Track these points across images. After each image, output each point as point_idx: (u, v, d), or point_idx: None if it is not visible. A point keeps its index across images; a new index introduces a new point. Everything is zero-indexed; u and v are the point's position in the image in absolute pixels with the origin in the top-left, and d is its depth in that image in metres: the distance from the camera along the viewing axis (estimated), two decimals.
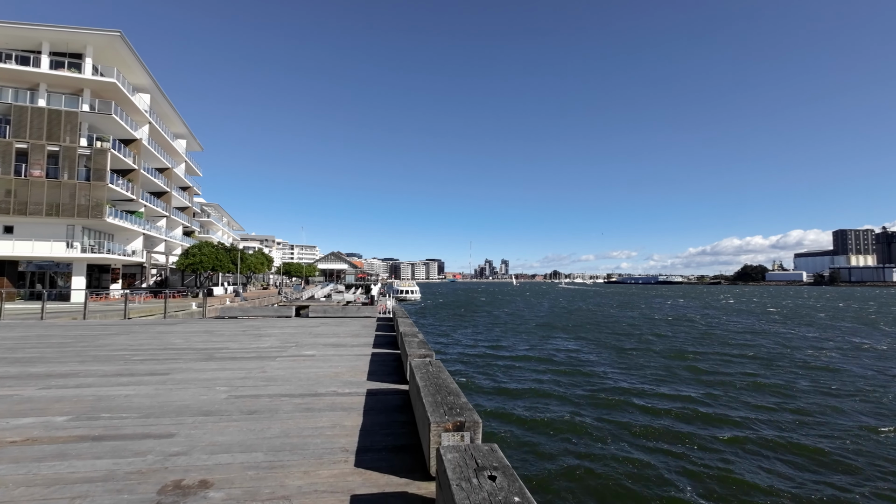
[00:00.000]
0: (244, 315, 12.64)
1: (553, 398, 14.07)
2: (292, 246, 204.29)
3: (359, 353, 6.79)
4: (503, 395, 14.41)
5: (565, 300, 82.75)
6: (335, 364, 5.97)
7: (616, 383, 16.00)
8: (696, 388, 15.40)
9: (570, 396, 14.20)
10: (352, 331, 9.76)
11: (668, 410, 12.67)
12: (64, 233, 32.07)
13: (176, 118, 49.87)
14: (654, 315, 47.55)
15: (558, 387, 15.44)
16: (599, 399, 13.88)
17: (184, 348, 7.28)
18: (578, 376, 17.19)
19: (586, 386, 15.59)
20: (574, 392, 14.72)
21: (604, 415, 12.34)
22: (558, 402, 13.65)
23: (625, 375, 17.41)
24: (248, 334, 9.06)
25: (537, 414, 12.28)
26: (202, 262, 37.33)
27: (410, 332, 6.31)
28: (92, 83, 32.70)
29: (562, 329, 33.38)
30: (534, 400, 13.87)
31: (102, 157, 32.19)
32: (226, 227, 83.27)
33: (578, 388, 15.33)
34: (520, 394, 14.53)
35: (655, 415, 12.37)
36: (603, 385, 15.69)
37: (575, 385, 15.74)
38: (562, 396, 14.21)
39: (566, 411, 12.58)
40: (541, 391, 14.82)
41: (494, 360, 20.95)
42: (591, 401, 13.75)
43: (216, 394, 4.37)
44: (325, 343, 7.89)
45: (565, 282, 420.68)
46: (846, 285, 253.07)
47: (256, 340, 8.18)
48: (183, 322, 11.37)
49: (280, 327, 10.33)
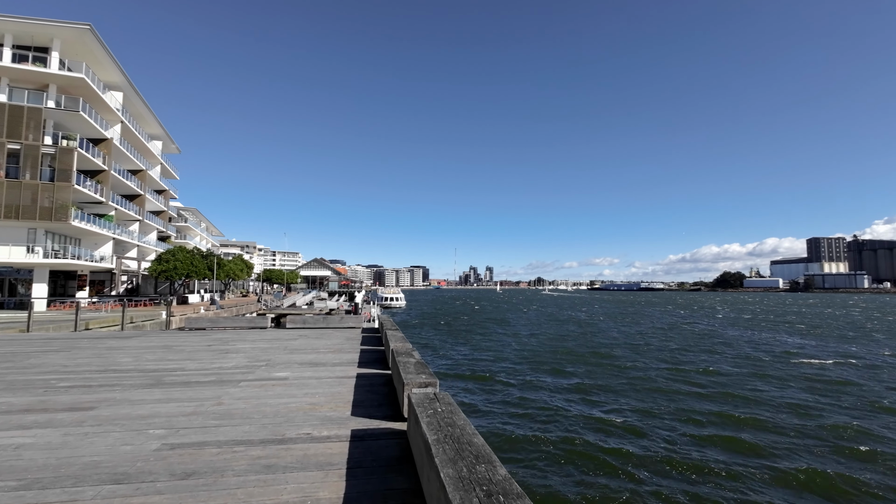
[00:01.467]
0: (213, 326, 11.35)
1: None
2: (274, 252, 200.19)
3: (341, 375, 5.68)
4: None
5: (554, 308, 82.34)
6: (312, 390, 4.85)
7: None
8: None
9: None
10: (334, 345, 8.62)
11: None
12: (24, 237, 29.98)
13: (151, 118, 47.90)
14: (668, 333, 36.89)
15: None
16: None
17: (128, 370, 6.05)
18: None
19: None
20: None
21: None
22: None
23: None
24: (213, 350, 7.84)
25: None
26: (176, 268, 35.44)
27: (404, 350, 5.24)
28: (58, 78, 30.83)
29: (556, 369, 21.29)
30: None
31: (68, 156, 30.27)
32: (204, 232, 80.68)
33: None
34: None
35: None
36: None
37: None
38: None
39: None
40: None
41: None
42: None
43: (146, 441, 3.23)
44: (302, 361, 6.74)
45: (549, 288, 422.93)
46: (820, 291, 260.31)
47: (220, 358, 6.98)
48: (140, 335, 10.04)
49: (251, 341, 9.11)
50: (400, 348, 5.46)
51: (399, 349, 5.34)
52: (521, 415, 13.50)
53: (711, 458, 10.24)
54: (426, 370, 4.16)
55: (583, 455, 10.40)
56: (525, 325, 43.89)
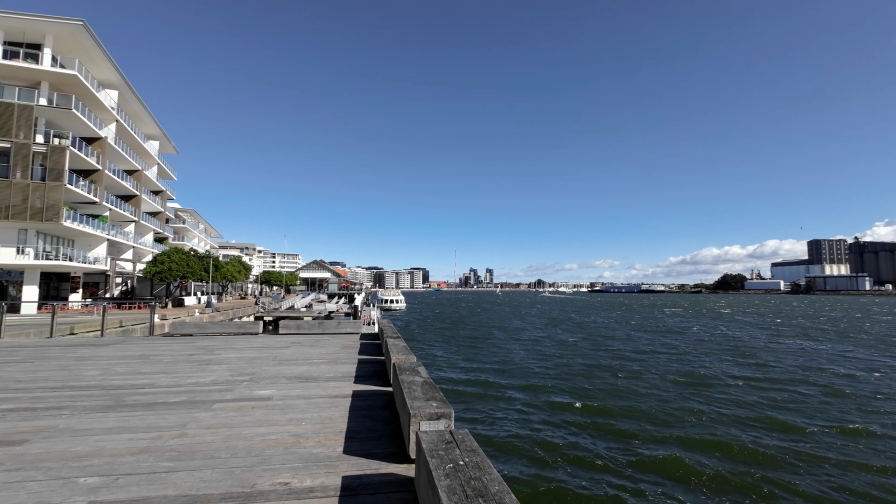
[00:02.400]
0: (200, 332, 10.54)
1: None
2: (274, 254, 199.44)
3: (335, 394, 4.87)
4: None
5: (556, 312, 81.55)
6: (299, 415, 4.06)
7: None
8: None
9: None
10: (329, 354, 7.81)
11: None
12: (15, 237, 29.18)
13: (148, 118, 47.16)
14: (709, 347, 29.88)
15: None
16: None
17: (89, 386, 5.24)
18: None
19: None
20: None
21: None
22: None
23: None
24: (193, 360, 7.04)
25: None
26: (171, 270, 34.62)
27: (408, 365, 4.45)
28: (50, 75, 30.08)
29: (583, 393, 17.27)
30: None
31: (60, 155, 29.50)
32: (203, 233, 79.88)
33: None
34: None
35: None
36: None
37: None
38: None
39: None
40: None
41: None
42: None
43: (67, 499, 2.43)
44: (291, 375, 5.93)
45: (549, 290, 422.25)
46: (821, 293, 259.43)
47: (199, 371, 6.18)
48: (119, 343, 9.24)
49: (238, 349, 8.30)
50: (403, 362, 4.67)
51: (402, 364, 4.55)
52: (557, 459, 10.33)
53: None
54: (437, 394, 3.37)
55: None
56: (536, 330, 43.01)
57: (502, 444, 11.20)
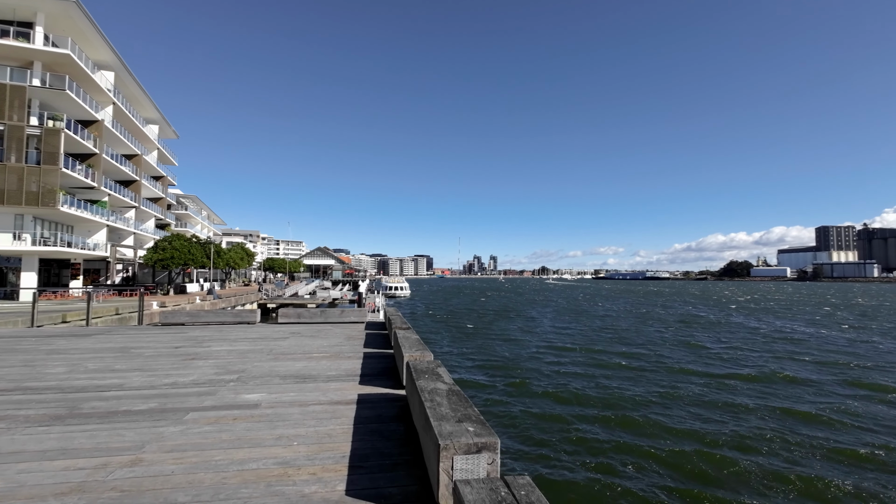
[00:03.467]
0: (192, 321, 9.75)
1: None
2: (278, 241, 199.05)
3: (336, 399, 4.04)
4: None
5: (563, 300, 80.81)
6: (290, 430, 3.22)
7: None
8: None
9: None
10: (331, 346, 6.99)
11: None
12: (11, 223, 28.49)
13: (147, 101, 46.05)
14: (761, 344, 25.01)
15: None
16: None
17: (47, 387, 4.43)
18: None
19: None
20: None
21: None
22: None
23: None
24: (178, 354, 6.23)
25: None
26: (172, 256, 33.95)
27: (425, 367, 3.60)
28: (43, 54, 29.02)
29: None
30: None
31: (55, 137, 28.60)
32: (205, 220, 79.18)
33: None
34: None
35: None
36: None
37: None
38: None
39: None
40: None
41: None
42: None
43: None
44: (286, 373, 5.10)
45: (553, 277, 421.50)
46: (829, 280, 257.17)
47: (181, 367, 5.36)
48: (102, 333, 8.46)
49: (231, 341, 7.50)
50: (418, 361, 3.82)
51: (418, 364, 3.70)
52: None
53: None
54: (470, 410, 2.51)
55: None
56: (551, 321, 42.24)
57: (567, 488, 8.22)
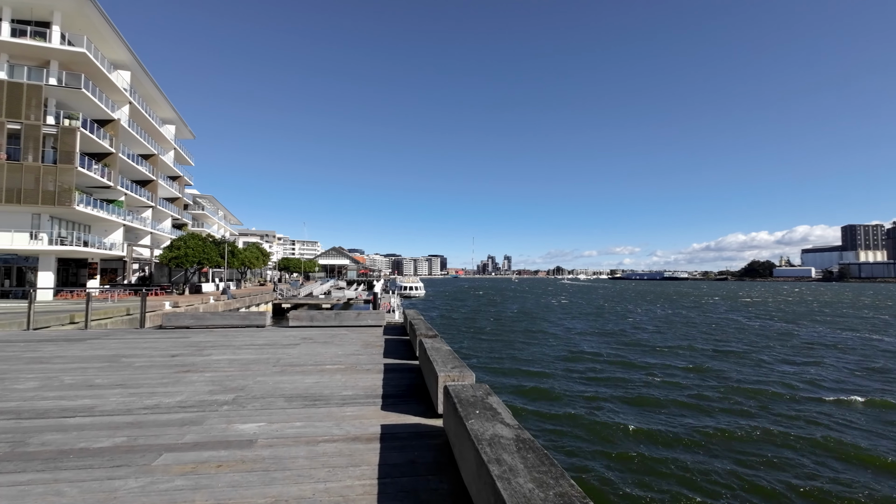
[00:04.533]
0: (197, 324, 9.01)
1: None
2: (293, 241, 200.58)
3: (354, 434, 3.14)
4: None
5: (581, 299, 79.05)
6: (293, 487, 2.32)
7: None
8: None
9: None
10: (346, 356, 6.12)
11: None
12: (28, 222, 28.50)
13: (163, 101, 46.16)
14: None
15: None
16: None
17: (2, 411, 3.65)
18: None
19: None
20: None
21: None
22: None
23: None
24: (173, 365, 5.43)
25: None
26: (187, 255, 33.73)
27: (471, 397, 2.68)
28: (59, 53, 28.95)
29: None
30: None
31: (70, 136, 28.51)
32: (222, 220, 79.65)
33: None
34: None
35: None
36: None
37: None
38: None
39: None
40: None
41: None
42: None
43: None
44: (293, 392, 4.24)
45: (568, 277, 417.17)
46: (856, 281, 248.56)
47: (172, 383, 4.54)
48: (97, 337, 7.76)
49: (235, 348, 6.70)
50: (462, 389, 2.90)
51: (461, 392, 2.79)
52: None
53: None
54: (563, 483, 1.58)
55: None
56: (580, 323, 40.94)
57: None
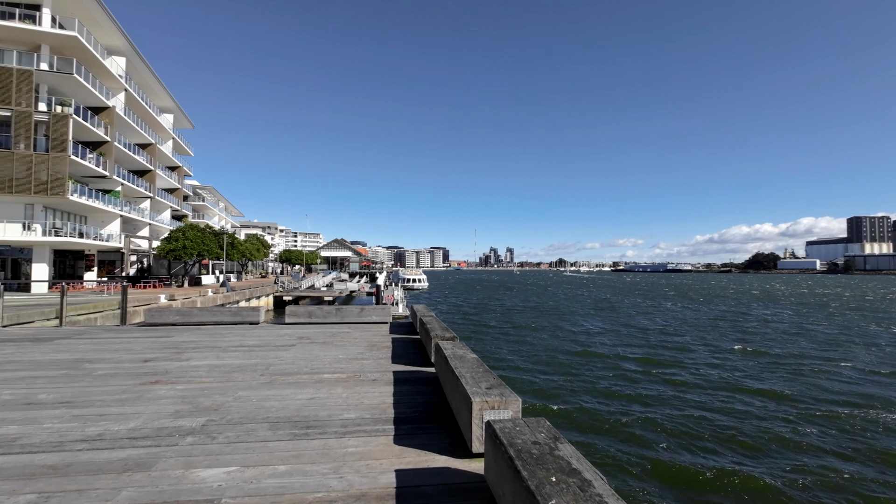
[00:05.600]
0: (184, 321, 8.13)
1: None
2: (295, 233, 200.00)
3: (359, 488, 2.23)
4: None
5: (585, 289, 78.15)
6: None
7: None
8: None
9: None
10: (348, 361, 5.22)
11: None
12: (21, 212, 27.67)
13: (161, 90, 45.08)
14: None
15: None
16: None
17: None
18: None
19: None
20: None
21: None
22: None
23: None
24: (141, 373, 4.55)
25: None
26: (185, 247, 32.90)
27: (538, 446, 1.77)
28: (51, 37, 27.91)
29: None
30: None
31: (63, 123, 27.54)
32: (223, 212, 78.74)
33: None
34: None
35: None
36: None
37: None
38: None
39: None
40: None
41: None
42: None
43: None
44: (280, 415, 3.33)
45: (570, 270, 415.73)
46: (861, 273, 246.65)
47: (131, 399, 3.66)
48: (67, 337, 6.89)
49: (221, 349, 5.81)
50: (514, 430, 1.99)
51: (519, 438, 1.89)
52: None
53: None
54: None
55: None
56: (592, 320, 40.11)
57: None
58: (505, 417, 2.52)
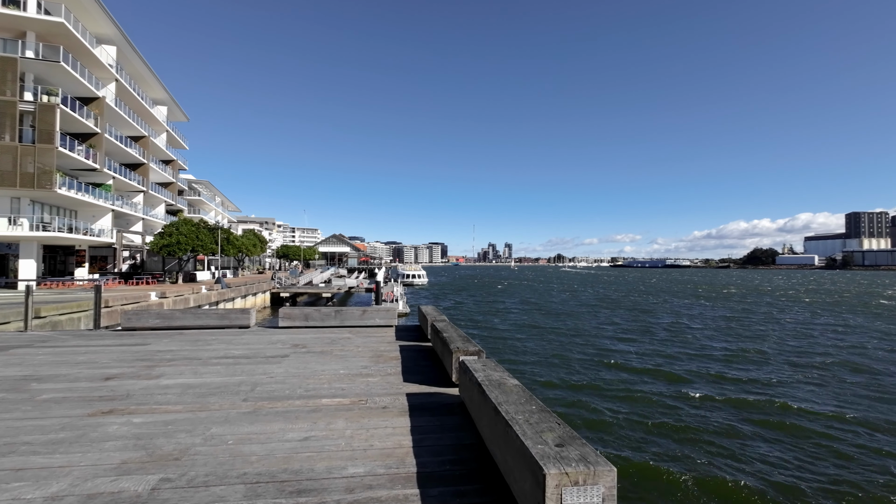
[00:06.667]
0: (164, 325, 7.25)
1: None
2: (293, 229, 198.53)
3: None
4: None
5: (588, 288, 77.39)
6: None
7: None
8: None
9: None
10: (350, 379, 4.35)
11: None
12: (7, 206, 26.67)
13: (154, 81, 43.89)
14: None
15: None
16: None
17: None
18: None
19: None
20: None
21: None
22: None
23: None
24: (95, 398, 3.68)
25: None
26: (179, 242, 31.94)
27: None
28: (36, 23, 26.80)
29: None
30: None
31: (49, 114, 26.48)
32: (219, 206, 77.57)
33: None
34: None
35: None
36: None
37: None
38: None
39: None
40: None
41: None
42: None
43: None
44: (262, 468, 2.44)
45: (568, 265, 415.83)
46: (859, 269, 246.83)
47: (70, 441, 2.79)
48: (25, 345, 6.00)
49: (201, 362, 4.94)
50: None
51: None
52: None
53: None
54: None
55: None
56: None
57: None
58: (596, 501, 1.66)
